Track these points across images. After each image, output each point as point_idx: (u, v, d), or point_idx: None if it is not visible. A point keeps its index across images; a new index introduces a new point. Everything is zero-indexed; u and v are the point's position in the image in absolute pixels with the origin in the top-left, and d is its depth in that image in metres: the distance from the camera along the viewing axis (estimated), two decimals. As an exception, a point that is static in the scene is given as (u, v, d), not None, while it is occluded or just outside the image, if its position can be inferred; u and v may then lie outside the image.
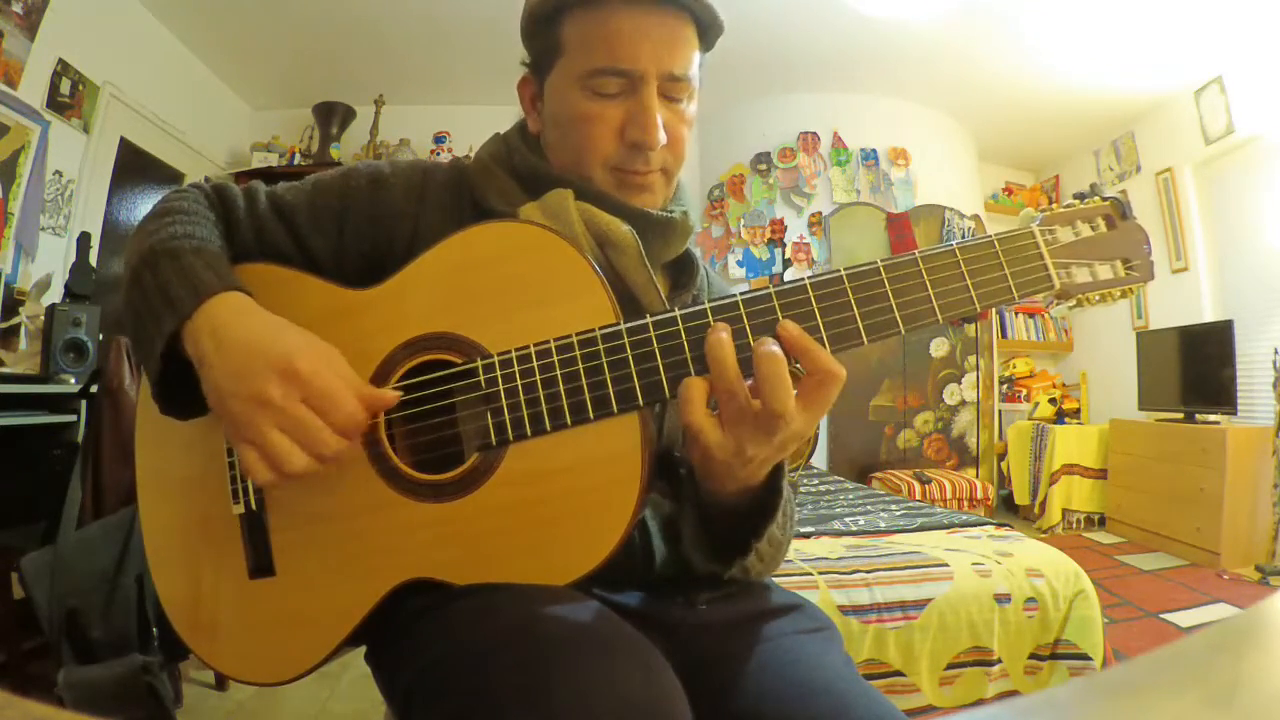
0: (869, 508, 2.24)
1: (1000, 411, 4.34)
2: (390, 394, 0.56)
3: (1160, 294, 3.85)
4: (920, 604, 1.44)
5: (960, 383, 4.04)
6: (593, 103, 0.63)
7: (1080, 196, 0.57)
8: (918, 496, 3.34)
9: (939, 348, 4.02)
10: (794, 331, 0.51)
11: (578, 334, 0.54)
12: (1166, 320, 3.76)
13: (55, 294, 2.40)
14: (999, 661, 1.45)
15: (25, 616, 1.47)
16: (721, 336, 0.50)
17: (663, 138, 0.63)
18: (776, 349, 0.49)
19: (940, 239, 4.01)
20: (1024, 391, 4.46)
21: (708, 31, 0.65)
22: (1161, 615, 2.35)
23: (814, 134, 4.09)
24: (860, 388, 3.93)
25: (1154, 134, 3.93)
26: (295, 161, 3.78)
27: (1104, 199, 0.57)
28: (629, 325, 0.53)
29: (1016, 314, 4.59)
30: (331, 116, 3.84)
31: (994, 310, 4.25)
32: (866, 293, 0.53)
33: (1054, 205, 0.57)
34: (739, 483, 0.56)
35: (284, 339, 0.53)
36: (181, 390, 0.58)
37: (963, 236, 4.02)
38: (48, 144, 2.51)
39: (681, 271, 0.75)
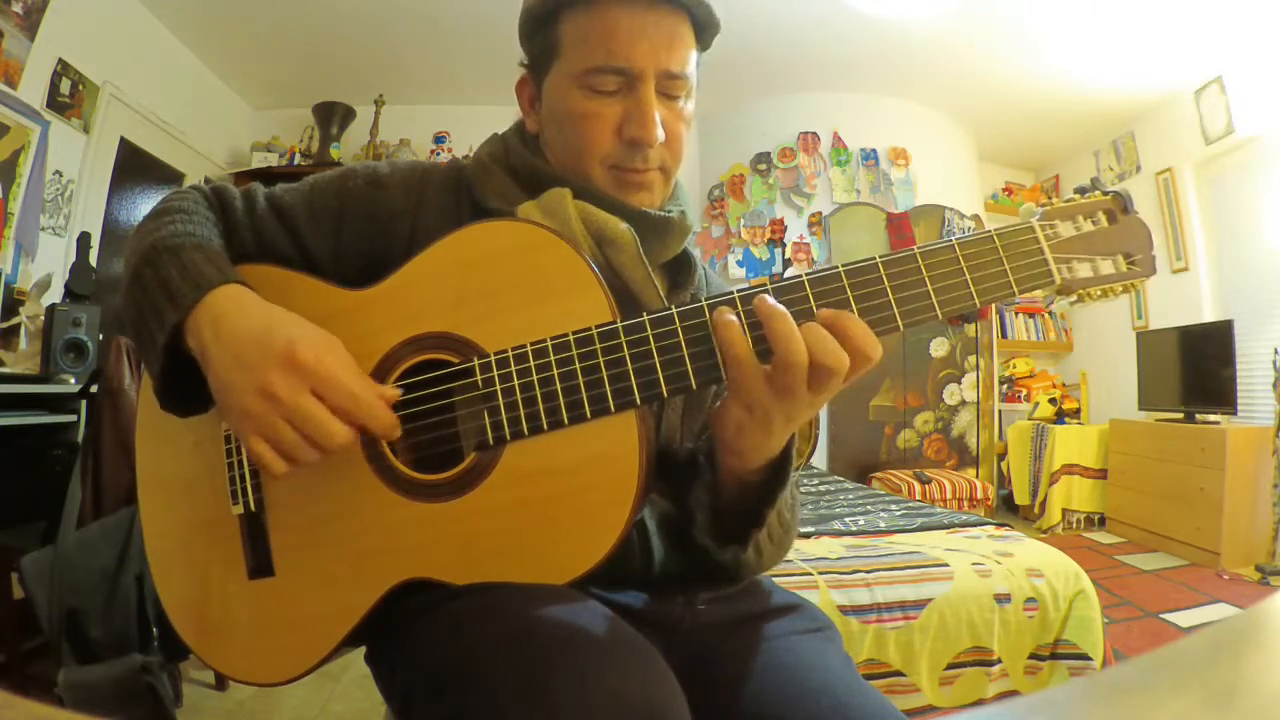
0: (869, 508, 2.24)
1: (1000, 411, 4.34)
2: (389, 390, 0.55)
3: (1160, 294, 3.85)
4: (920, 604, 1.44)
5: (960, 383, 4.04)
6: (591, 101, 0.63)
7: (1081, 191, 0.56)
8: (918, 496, 3.34)
9: (939, 347, 4.02)
10: (828, 315, 0.51)
11: (574, 333, 0.54)
12: (1166, 320, 3.76)
13: (55, 294, 2.40)
14: (999, 661, 1.45)
15: (25, 616, 1.47)
16: (785, 318, 0.50)
17: (661, 135, 0.63)
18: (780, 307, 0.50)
19: (940, 239, 4.01)
20: (1024, 391, 4.46)
21: (704, 30, 0.65)
22: (1161, 615, 2.35)
23: (814, 134, 4.09)
24: (860, 388, 3.93)
25: (1154, 134, 3.93)
26: (295, 161, 3.78)
27: (1105, 193, 0.56)
28: (626, 324, 0.53)
29: (1016, 314, 4.59)
30: (331, 116, 3.84)
31: (994, 310, 4.24)
32: (865, 289, 0.52)
33: (1054, 199, 0.57)
34: (765, 452, 0.56)
35: (284, 328, 0.53)
36: (183, 386, 0.58)
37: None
38: (48, 144, 2.51)
39: (679, 271, 0.75)
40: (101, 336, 2.19)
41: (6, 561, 1.53)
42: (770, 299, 0.51)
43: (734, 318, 0.51)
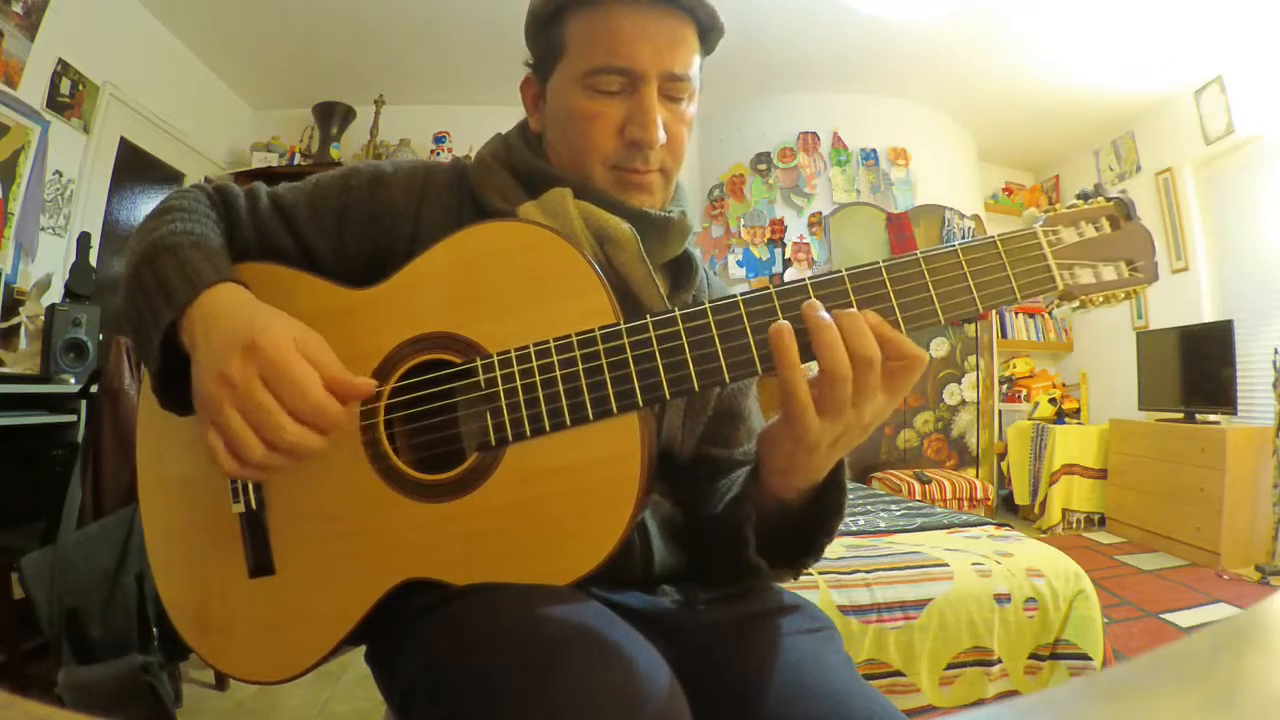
0: (869, 508, 2.24)
1: (1000, 411, 4.34)
2: (364, 382, 0.54)
3: (1160, 294, 3.85)
4: (920, 604, 1.44)
5: (960, 383, 4.04)
6: (593, 101, 0.63)
7: (1084, 196, 0.56)
8: (918, 496, 3.34)
9: (939, 347, 4.02)
10: (874, 320, 0.51)
11: (577, 334, 0.54)
12: (1166, 320, 3.76)
13: (55, 294, 2.40)
14: (999, 661, 1.45)
15: (25, 616, 1.47)
16: (829, 322, 0.50)
17: (662, 136, 0.63)
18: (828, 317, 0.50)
19: (940, 239, 4.01)
20: (1024, 391, 4.46)
21: (708, 33, 0.66)
22: (1161, 615, 2.35)
23: (814, 134, 4.09)
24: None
25: (1154, 134, 3.93)
26: (295, 161, 3.78)
27: (1108, 199, 0.56)
28: (628, 325, 0.53)
29: (1016, 314, 4.59)
30: (331, 116, 3.84)
31: (994, 310, 4.24)
32: (868, 293, 0.52)
33: (1056, 205, 0.57)
34: (811, 476, 0.57)
35: (258, 318, 0.53)
36: (181, 384, 0.58)
37: (963, 236, 4.01)
38: (48, 144, 2.51)
39: (681, 272, 0.75)
40: (101, 336, 2.20)
41: (6, 561, 1.53)
42: (820, 309, 0.50)
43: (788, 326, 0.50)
